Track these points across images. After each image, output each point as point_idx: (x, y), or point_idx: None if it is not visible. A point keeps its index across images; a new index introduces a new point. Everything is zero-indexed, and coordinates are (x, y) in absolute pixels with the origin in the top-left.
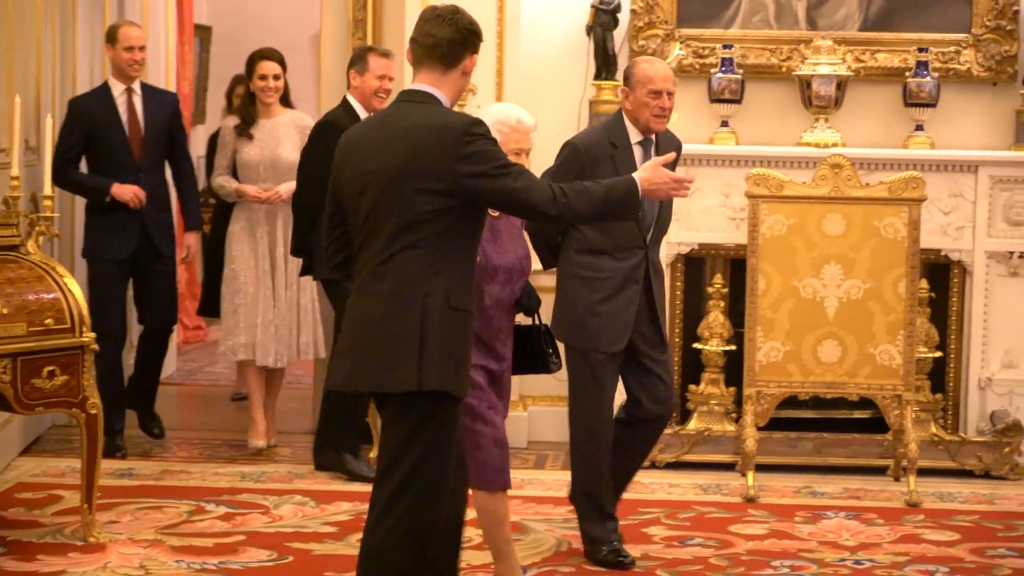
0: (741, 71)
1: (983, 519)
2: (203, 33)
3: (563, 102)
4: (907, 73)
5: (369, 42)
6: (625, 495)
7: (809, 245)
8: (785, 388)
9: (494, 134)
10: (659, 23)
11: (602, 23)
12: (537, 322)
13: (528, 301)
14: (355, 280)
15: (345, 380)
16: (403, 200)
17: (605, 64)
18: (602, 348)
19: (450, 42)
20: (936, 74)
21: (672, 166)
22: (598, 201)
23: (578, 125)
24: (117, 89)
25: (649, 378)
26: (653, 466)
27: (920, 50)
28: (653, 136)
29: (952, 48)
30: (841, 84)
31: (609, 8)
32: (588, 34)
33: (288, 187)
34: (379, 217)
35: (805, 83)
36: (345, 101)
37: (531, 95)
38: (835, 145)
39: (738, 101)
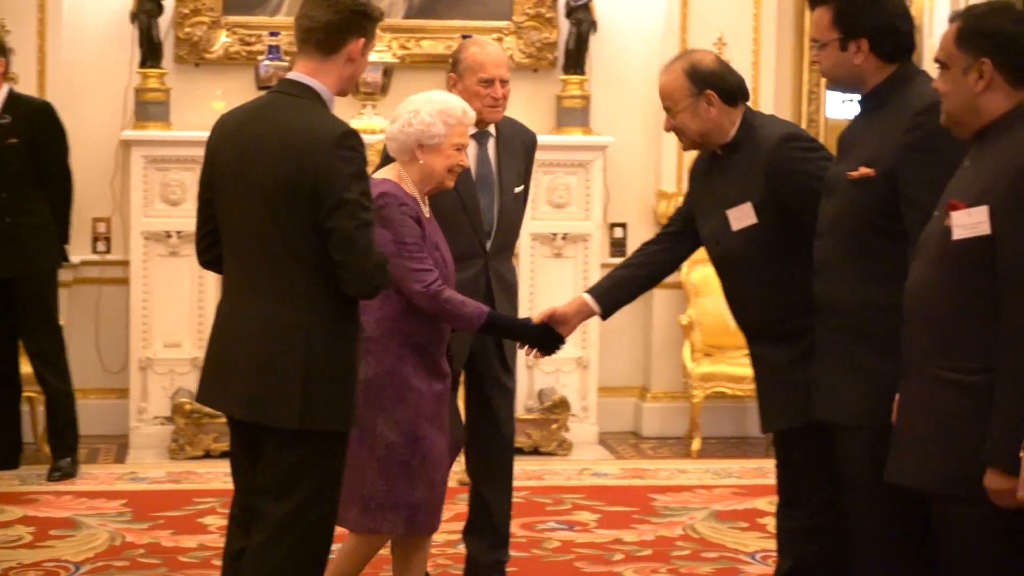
0: (288, 58)
1: (533, 494)
2: None
3: (108, 90)
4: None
5: None
6: (184, 485)
7: None
8: None
9: (439, 127)
10: (205, 10)
11: (146, 10)
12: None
13: None
14: (224, 287)
15: (216, 401)
16: (276, 211)
17: (151, 51)
18: None
19: (327, 26)
20: None
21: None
22: None
23: (124, 113)
24: None
25: (485, 409)
26: (207, 455)
27: (464, 37)
28: (491, 128)
29: (495, 35)
30: (388, 71)
31: None
32: (132, 21)
33: None
34: (252, 225)
35: None
36: None
37: (75, 84)
38: (383, 131)
39: None
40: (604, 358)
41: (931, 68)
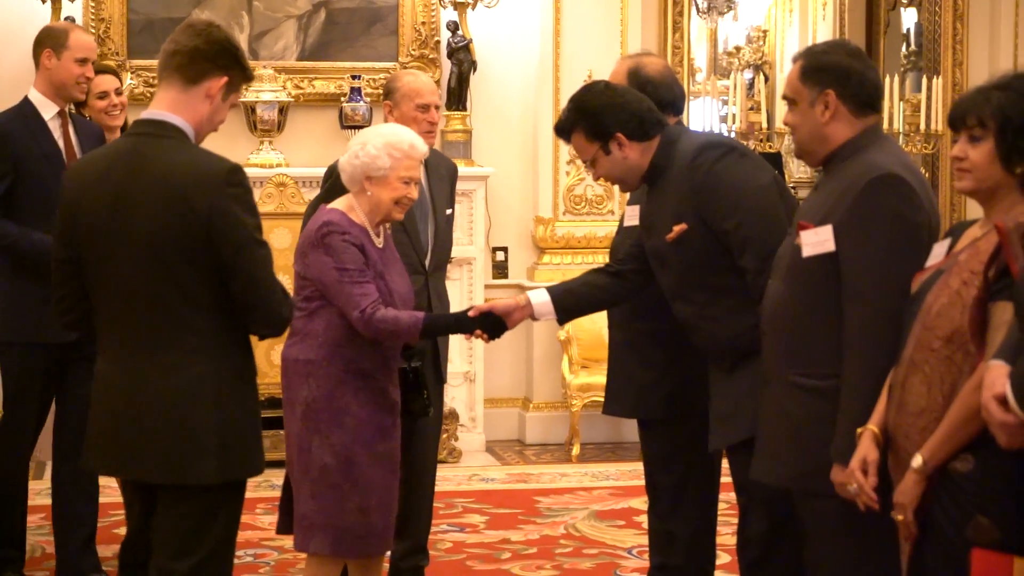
0: None
1: None
2: None
3: None
4: (343, 98)
5: None
6: (101, 498)
7: None
8: None
9: (384, 159)
10: (111, 55)
11: None
12: (411, 364)
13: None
14: (104, 347)
15: (117, 467)
16: (166, 260)
17: None
18: None
19: (193, 51)
20: (369, 99)
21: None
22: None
23: None
24: (48, 111)
25: (415, 423)
26: None
27: (354, 77)
28: None
29: (382, 75)
30: (283, 109)
31: None
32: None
33: None
34: (140, 278)
35: (250, 109)
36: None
37: None
38: (279, 165)
39: None
40: (489, 372)
41: (780, 104)
